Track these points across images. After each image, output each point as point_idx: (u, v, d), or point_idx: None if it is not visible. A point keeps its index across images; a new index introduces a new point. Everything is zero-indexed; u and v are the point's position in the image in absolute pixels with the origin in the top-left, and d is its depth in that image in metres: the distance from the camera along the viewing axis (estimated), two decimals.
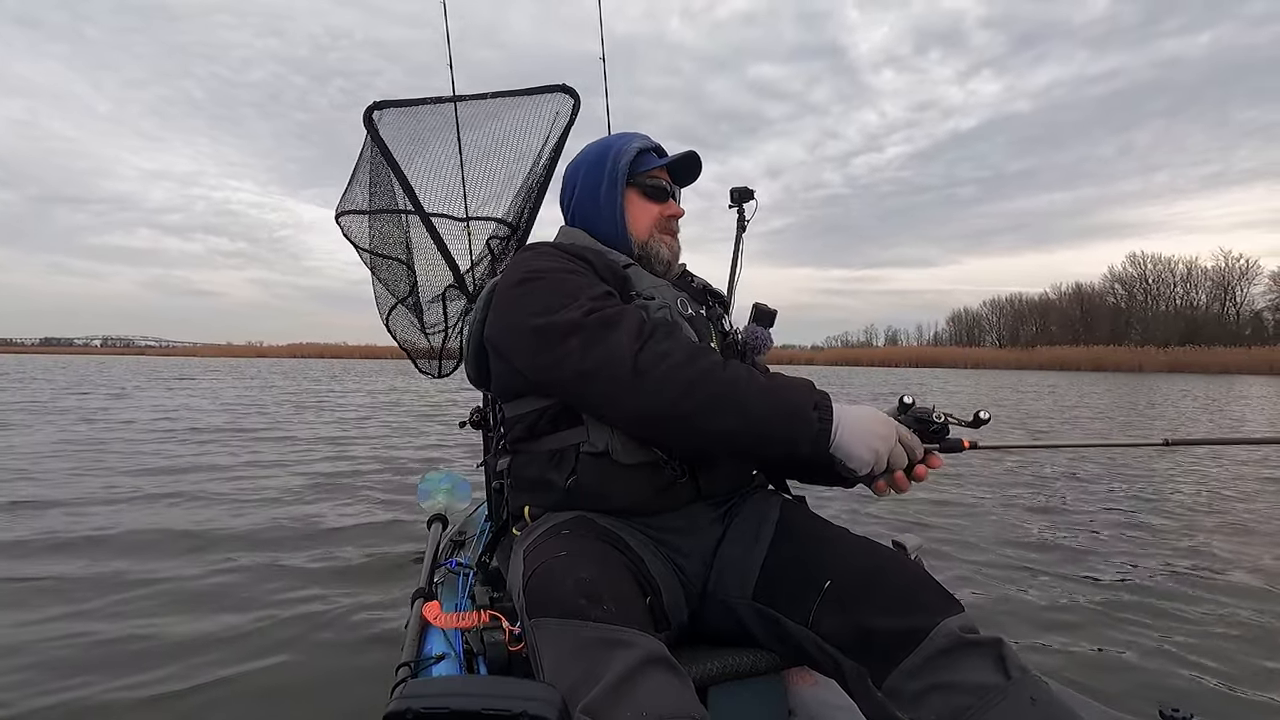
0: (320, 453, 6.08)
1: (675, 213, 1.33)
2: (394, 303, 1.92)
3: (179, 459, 5.52)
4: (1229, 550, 3.19)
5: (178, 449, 6.07)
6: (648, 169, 1.30)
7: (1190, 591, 2.61)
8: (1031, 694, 0.81)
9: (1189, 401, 14.59)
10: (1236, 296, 53.61)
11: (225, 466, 5.20)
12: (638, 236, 1.29)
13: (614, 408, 1.03)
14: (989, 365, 46.26)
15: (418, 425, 8.45)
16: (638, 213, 1.30)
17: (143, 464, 5.24)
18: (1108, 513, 3.95)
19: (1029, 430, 8.50)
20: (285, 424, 8.35)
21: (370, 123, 1.70)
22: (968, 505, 4.09)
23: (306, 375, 24.88)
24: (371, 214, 1.80)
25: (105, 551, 2.99)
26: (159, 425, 7.97)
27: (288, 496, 4.26)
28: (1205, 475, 5.26)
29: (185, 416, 9.01)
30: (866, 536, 1.08)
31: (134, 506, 3.86)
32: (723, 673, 1.07)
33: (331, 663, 2.01)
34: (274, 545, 3.19)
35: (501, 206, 1.81)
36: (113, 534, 3.25)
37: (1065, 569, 2.91)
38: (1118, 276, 58.94)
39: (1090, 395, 15.37)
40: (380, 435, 7.47)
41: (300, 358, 67.72)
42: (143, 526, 3.41)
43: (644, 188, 1.30)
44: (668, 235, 1.32)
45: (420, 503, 1.88)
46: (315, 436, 7.22)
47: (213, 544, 3.18)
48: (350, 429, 7.94)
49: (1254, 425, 10.61)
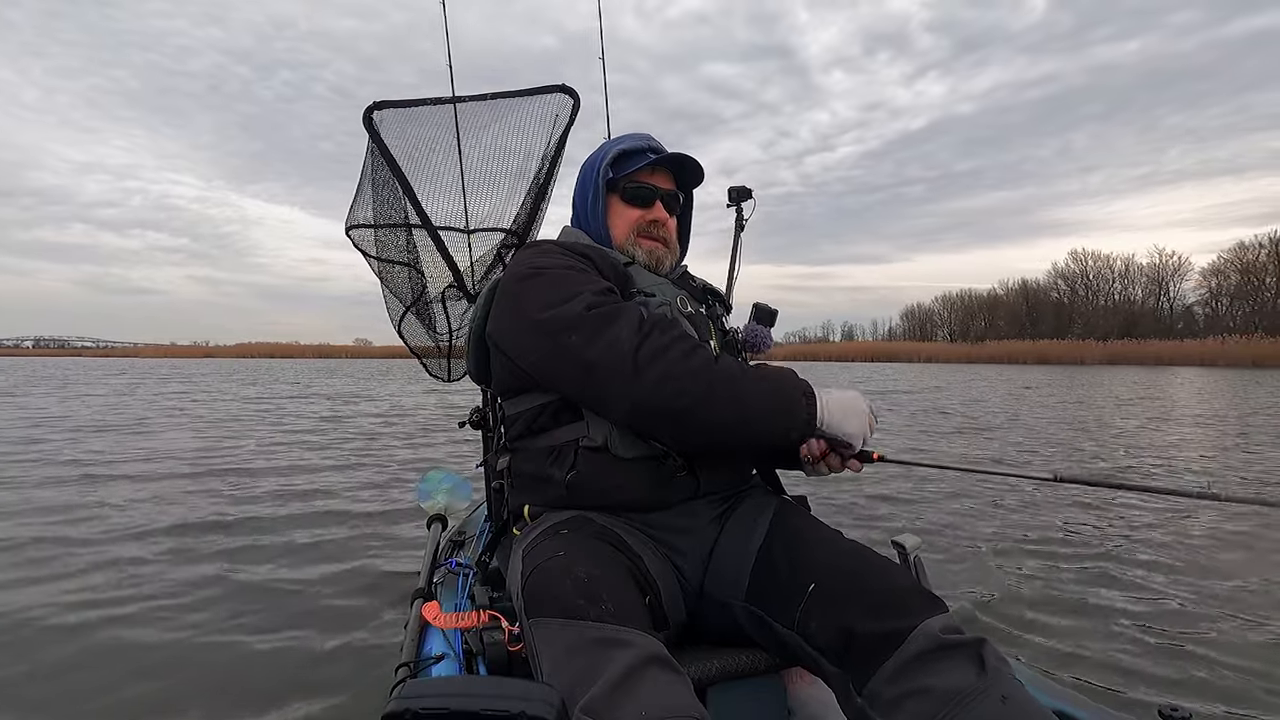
0: (328, 453, 6.02)
1: (657, 217, 1.29)
2: (403, 310, 1.92)
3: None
4: (1230, 549, 3.13)
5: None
6: (626, 172, 1.28)
7: (1191, 590, 2.58)
8: (1003, 692, 0.79)
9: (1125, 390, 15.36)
10: (1170, 291, 55.08)
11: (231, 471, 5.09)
12: (616, 241, 1.29)
13: (615, 401, 1.03)
14: (941, 359, 46.84)
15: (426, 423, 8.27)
16: (617, 217, 1.29)
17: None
18: (1107, 513, 3.82)
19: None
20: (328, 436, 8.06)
21: (370, 123, 1.69)
22: (964, 502, 4.02)
23: (278, 377, 23.55)
24: (378, 227, 1.79)
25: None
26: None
27: (289, 495, 4.24)
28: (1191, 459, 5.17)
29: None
30: (857, 541, 1.07)
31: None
32: (722, 672, 1.06)
33: (331, 662, 2.00)
34: (275, 544, 3.16)
35: (502, 209, 1.79)
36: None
37: (1064, 566, 2.87)
38: (1061, 273, 60.17)
39: (1068, 389, 15.71)
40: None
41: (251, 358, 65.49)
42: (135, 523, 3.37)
43: (625, 191, 1.29)
44: (647, 240, 1.29)
45: (420, 502, 1.87)
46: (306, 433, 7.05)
47: (210, 544, 3.15)
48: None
49: (1185, 408, 11.12)
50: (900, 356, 51.81)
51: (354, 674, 1.93)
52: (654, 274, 1.27)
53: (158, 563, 2.90)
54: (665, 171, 1.32)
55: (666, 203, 1.31)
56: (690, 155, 1.29)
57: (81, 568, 2.81)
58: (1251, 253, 49.25)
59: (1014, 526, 3.56)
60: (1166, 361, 36.88)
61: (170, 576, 2.73)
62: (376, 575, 2.75)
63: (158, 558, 2.97)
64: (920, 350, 53.23)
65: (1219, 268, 51.42)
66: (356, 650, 2.07)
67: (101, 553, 3.01)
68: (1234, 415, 9.48)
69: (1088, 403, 12.03)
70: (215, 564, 2.89)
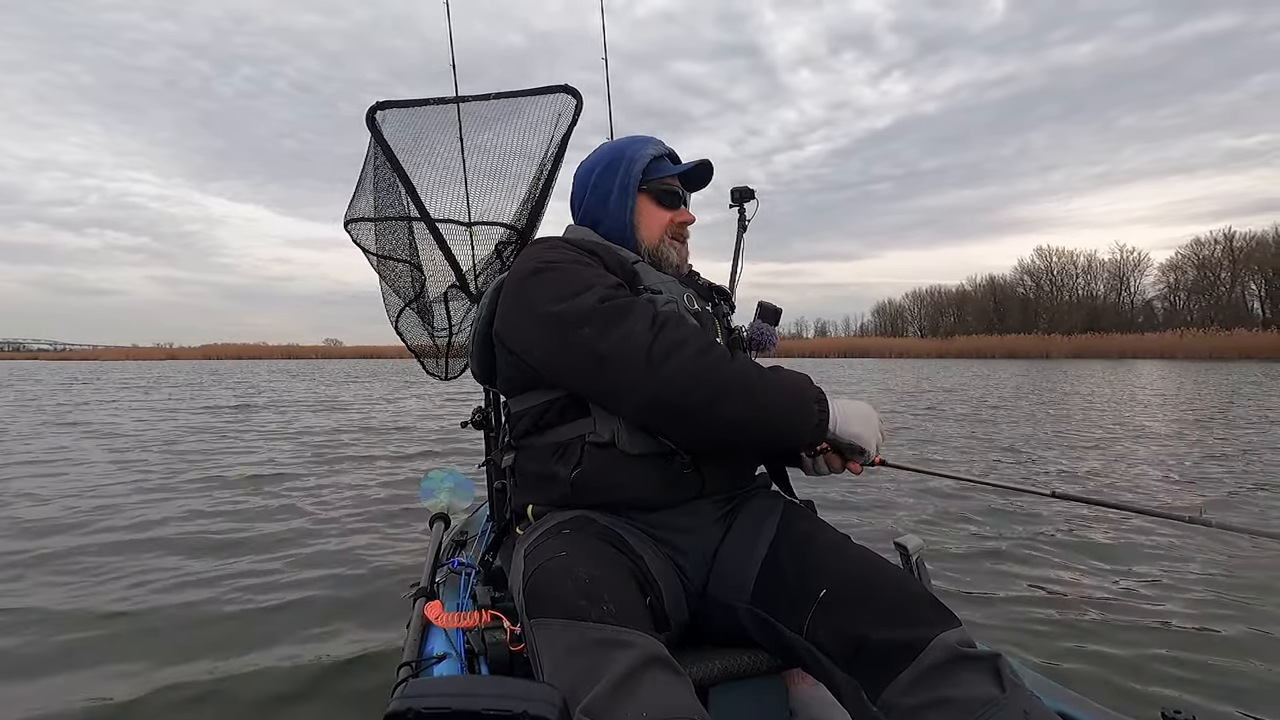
0: (324, 450, 6.01)
1: (686, 219, 1.32)
2: (401, 306, 1.90)
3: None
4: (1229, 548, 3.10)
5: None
6: (661, 176, 1.29)
7: (1191, 591, 2.59)
8: (1025, 708, 0.79)
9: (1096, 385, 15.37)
10: (1131, 286, 56.66)
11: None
12: (648, 242, 1.28)
13: (626, 395, 1.01)
14: (912, 355, 47.37)
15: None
16: (649, 218, 1.29)
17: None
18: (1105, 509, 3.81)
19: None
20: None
21: (373, 124, 1.66)
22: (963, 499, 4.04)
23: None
24: (378, 221, 1.78)
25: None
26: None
27: (290, 494, 4.21)
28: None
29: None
30: (866, 545, 1.06)
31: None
32: (723, 673, 1.05)
33: (332, 661, 1.98)
34: (274, 545, 3.14)
35: (505, 209, 1.78)
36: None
37: (1064, 569, 2.87)
38: (1027, 269, 61.25)
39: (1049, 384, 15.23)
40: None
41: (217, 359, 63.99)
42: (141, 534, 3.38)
43: (657, 194, 1.29)
44: (677, 241, 1.31)
45: (422, 501, 1.86)
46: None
47: (207, 545, 3.13)
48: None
49: (1143, 396, 11.36)
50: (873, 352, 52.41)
51: (355, 673, 1.92)
52: (660, 272, 1.26)
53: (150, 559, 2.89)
54: (677, 176, 1.33)
55: (686, 205, 1.34)
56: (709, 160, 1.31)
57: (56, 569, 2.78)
58: (1207, 248, 50.88)
59: (1014, 527, 3.56)
60: (1129, 355, 37.82)
61: (163, 571, 2.72)
62: (378, 574, 2.73)
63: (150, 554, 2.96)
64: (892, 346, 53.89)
65: (1177, 263, 52.86)
66: (358, 649, 2.05)
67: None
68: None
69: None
70: (211, 563, 2.88)
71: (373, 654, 2.02)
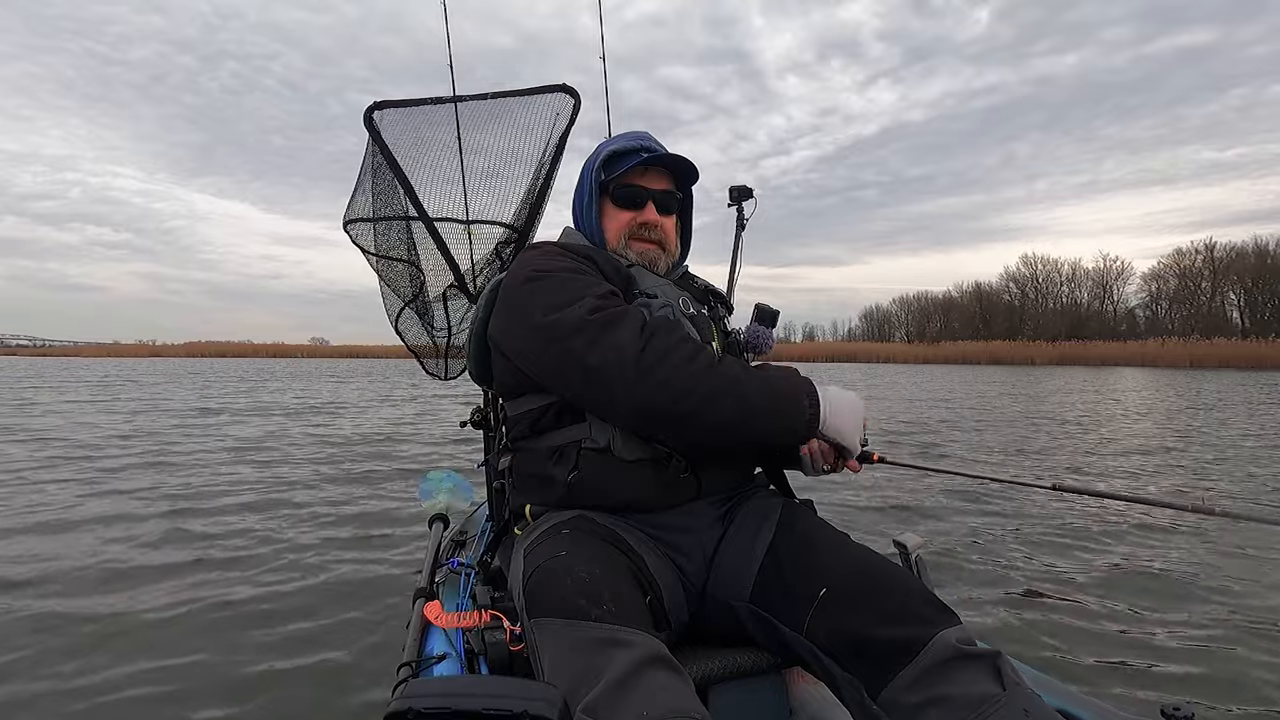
0: (325, 452, 5.98)
1: (648, 219, 1.25)
2: (401, 306, 1.88)
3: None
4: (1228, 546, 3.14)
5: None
6: (616, 174, 1.25)
7: (1192, 588, 2.60)
8: (1025, 706, 0.78)
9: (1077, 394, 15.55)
10: (1114, 295, 57.15)
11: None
12: (611, 245, 1.26)
13: (618, 404, 1.00)
14: (899, 360, 47.72)
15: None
16: (609, 220, 1.27)
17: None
18: (1104, 510, 3.83)
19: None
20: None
21: (371, 123, 1.64)
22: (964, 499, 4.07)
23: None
24: (376, 221, 1.76)
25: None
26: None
27: (290, 493, 4.20)
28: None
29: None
30: (865, 544, 1.05)
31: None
32: (723, 672, 1.05)
33: (332, 662, 1.97)
34: (275, 544, 3.11)
35: (503, 208, 1.76)
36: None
37: (1064, 566, 2.87)
38: (1012, 276, 61.74)
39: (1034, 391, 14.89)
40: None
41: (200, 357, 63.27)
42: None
43: (614, 194, 1.26)
44: (639, 242, 1.25)
45: (421, 501, 1.86)
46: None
47: (206, 545, 3.10)
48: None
49: (1128, 402, 11.50)
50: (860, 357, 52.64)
51: (356, 673, 1.90)
52: (656, 275, 1.24)
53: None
54: (662, 171, 1.28)
55: (661, 203, 1.27)
56: (680, 155, 1.25)
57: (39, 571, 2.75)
58: (1188, 258, 51.58)
59: (1013, 526, 3.57)
60: (1112, 362, 38.23)
61: (162, 573, 2.70)
62: (378, 575, 2.72)
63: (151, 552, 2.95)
64: (879, 351, 54.19)
65: (1159, 272, 53.48)
66: (358, 650, 2.04)
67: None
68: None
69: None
70: (213, 564, 2.85)
71: (373, 654, 2.01)
